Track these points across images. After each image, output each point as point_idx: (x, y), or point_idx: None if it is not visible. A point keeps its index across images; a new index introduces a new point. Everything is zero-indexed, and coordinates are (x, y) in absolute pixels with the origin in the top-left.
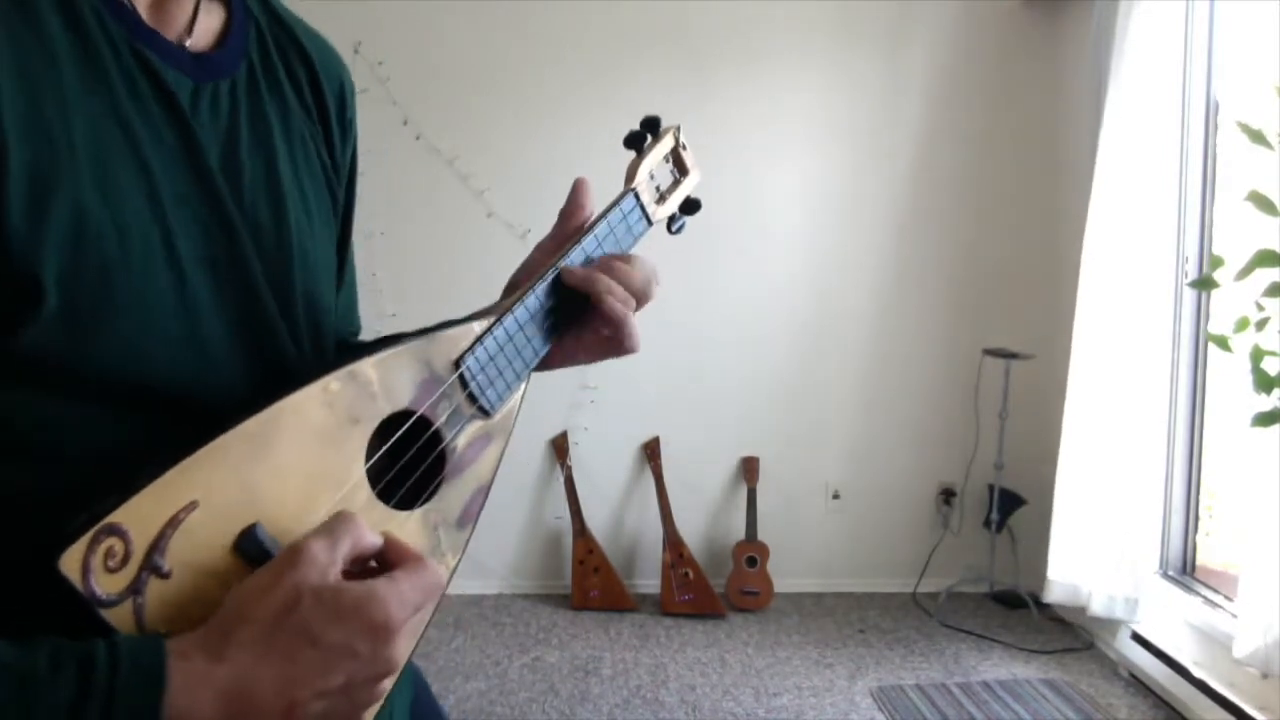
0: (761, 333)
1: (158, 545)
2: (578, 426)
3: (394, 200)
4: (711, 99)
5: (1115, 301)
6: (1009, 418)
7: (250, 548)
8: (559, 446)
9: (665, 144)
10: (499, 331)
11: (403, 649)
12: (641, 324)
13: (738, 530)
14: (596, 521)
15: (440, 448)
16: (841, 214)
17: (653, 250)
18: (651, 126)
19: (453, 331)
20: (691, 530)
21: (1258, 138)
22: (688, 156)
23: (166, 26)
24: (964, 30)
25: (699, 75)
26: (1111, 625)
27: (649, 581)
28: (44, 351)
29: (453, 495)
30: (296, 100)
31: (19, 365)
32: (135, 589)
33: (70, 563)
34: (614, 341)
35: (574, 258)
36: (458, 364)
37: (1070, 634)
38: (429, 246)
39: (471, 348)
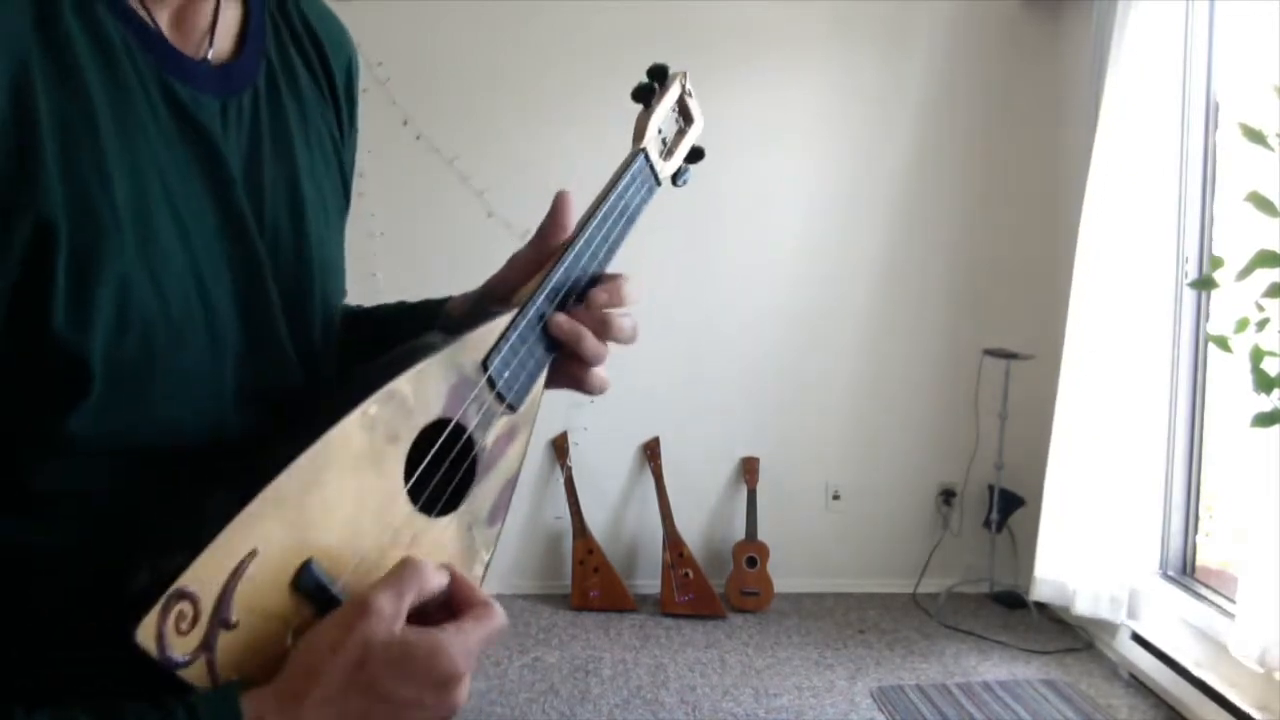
0: (762, 333)
1: (224, 599)
2: (578, 426)
3: (394, 200)
4: (711, 99)
5: (1111, 302)
6: (1009, 418)
7: (307, 584)
8: (559, 446)
9: (673, 93)
10: (522, 325)
11: (466, 691)
12: (641, 324)
13: (738, 530)
14: (596, 521)
15: (473, 451)
16: (841, 214)
17: (653, 244)
18: (659, 75)
19: (478, 332)
20: (691, 530)
21: (1258, 138)
22: (693, 104)
23: (187, 38)
24: (964, 30)
25: (698, 75)
26: (1111, 626)
27: (649, 582)
28: (82, 429)
29: (483, 493)
30: (310, 85)
31: (51, 438)
32: (207, 645)
33: (146, 634)
34: (581, 384)
35: (589, 235)
36: (485, 365)
37: (1070, 634)
38: (429, 246)
39: (497, 345)
